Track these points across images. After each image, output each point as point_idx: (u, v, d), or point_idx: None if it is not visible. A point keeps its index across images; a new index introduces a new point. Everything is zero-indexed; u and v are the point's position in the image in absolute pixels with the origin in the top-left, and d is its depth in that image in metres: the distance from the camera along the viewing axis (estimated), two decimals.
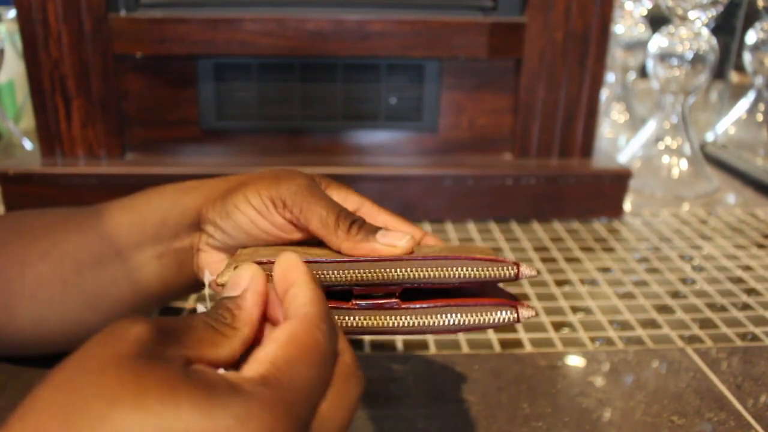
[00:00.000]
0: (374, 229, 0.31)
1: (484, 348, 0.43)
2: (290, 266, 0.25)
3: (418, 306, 0.29)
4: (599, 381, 0.40)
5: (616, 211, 0.67)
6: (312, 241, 0.33)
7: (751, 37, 0.85)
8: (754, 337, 0.46)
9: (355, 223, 0.31)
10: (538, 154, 0.68)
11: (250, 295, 0.25)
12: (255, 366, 0.21)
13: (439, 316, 0.28)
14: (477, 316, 0.28)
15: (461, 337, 0.44)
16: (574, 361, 0.42)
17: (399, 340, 0.44)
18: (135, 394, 0.18)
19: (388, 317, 0.29)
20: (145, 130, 0.66)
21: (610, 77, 1.00)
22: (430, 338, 0.44)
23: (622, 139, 0.96)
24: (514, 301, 0.29)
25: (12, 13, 0.85)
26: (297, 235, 0.34)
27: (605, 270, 0.56)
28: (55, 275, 0.34)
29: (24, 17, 0.59)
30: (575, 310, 0.49)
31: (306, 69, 0.65)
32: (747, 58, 0.86)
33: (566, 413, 0.37)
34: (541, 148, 0.68)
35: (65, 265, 0.34)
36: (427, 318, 0.28)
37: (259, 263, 0.28)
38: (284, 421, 0.20)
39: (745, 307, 0.50)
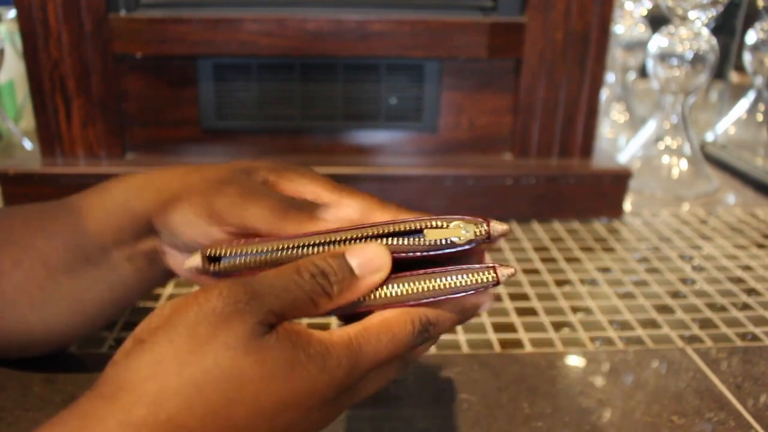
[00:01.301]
0: (315, 206, 0.31)
1: (484, 348, 0.43)
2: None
3: (393, 276, 0.27)
4: (599, 381, 0.40)
5: (616, 211, 0.67)
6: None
7: (751, 37, 0.85)
8: (754, 337, 0.46)
9: (295, 206, 0.30)
10: (538, 154, 0.68)
11: (365, 285, 0.25)
12: (345, 330, 0.25)
13: (418, 282, 0.27)
14: (458, 278, 0.27)
15: (461, 337, 0.44)
16: (574, 361, 0.42)
17: None
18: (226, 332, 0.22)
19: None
20: (145, 130, 0.66)
21: (610, 77, 1.00)
22: None
23: (622, 139, 0.96)
24: (492, 265, 0.28)
25: (12, 13, 0.85)
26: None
27: (605, 270, 0.56)
28: (31, 283, 0.33)
29: (24, 17, 0.59)
30: (575, 310, 0.49)
31: (306, 69, 0.65)
32: (747, 58, 0.86)
33: (566, 413, 0.37)
34: (541, 148, 0.68)
35: (38, 272, 0.33)
36: (405, 286, 0.27)
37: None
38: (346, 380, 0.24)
39: (745, 307, 0.50)
